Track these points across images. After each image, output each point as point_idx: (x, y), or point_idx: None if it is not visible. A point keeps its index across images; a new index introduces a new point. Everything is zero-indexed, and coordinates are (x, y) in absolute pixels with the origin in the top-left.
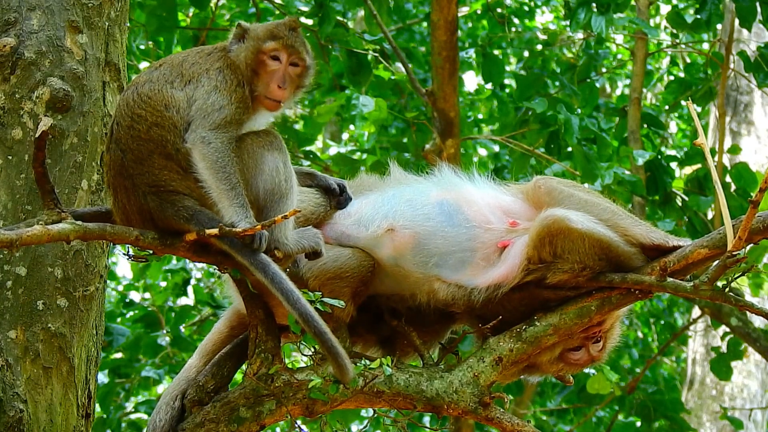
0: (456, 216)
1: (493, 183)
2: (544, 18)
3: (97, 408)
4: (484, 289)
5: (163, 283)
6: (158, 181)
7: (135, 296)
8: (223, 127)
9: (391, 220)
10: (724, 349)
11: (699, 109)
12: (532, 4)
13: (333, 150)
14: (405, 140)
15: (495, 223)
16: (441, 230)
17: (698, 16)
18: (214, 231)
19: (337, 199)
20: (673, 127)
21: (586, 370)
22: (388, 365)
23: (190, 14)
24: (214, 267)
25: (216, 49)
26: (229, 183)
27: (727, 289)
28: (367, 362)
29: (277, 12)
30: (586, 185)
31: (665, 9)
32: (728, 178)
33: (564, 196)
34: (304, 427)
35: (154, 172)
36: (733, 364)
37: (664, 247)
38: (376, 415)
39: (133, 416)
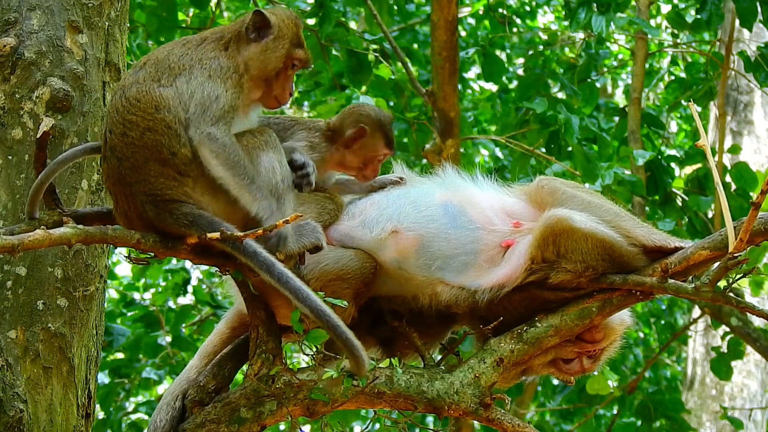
0: (460, 218)
1: (496, 184)
2: (545, 18)
3: (98, 408)
4: (488, 289)
5: (164, 283)
6: (155, 190)
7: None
8: (222, 118)
9: (395, 222)
10: (724, 348)
11: (699, 109)
12: (534, 3)
13: None
14: (405, 140)
15: (498, 224)
16: (445, 232)
17: (698, 16)
18: (216, 235)
19: (295, 174)
20: (673, 126)
21: None
22: (396, 366)
23: (191, 14)
24: (216, 268)
25: (206, 40)
26: (247, 177)
27: (728, 291)
28: (373, 362)
29: None
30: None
31: (665, 9)
32: (728, 178)
33: (567, 196)
34: (304, 428)
35: (150, 180)
36: (733, 363)
37: (666, 249)
38: (376, 416)
39: (133, 416)
